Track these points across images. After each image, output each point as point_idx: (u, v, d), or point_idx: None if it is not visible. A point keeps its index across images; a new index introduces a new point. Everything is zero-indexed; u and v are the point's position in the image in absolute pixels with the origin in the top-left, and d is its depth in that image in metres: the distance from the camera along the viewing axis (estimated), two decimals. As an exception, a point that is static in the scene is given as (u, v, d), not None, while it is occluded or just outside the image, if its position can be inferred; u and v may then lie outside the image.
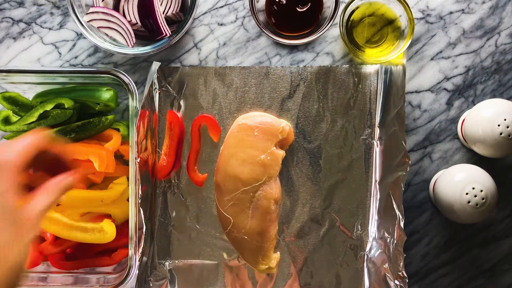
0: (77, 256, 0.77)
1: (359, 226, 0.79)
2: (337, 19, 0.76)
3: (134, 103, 0.73)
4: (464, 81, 0.79)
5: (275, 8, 0.77)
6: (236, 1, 0.80)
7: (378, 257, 0.77)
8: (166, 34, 0.75)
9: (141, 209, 0.72)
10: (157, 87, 0.80)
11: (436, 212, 0.80)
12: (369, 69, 0.78)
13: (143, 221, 0.73)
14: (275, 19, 0.78)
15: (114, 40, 0.76)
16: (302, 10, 0.77)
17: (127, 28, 0.75)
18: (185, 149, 0.80)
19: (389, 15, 0.76)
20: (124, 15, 0.75)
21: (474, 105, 0.78)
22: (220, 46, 0.80)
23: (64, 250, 0.77)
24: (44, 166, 0.58)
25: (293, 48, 0.80)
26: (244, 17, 0.80)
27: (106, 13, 0.74)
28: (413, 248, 0.80)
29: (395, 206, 0.73)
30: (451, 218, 0.73)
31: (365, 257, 0.79)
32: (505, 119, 0.69)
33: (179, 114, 0.80)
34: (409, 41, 0.74)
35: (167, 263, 0.80)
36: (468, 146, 0.78)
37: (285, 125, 0.77)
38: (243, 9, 0.80)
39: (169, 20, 0.78)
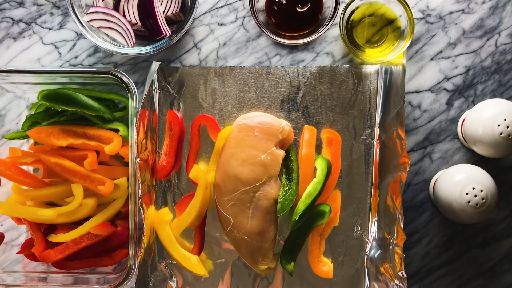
0: (77, 256, 0.77)
1: (359, 226, 0.79)
2: (337, 19, 0.76)
3: (134, 103, 0.73)
4: (464, 81, 0.79)
5: (275, 8, 0.77)
6: (236, 1, 0.80)
7: (378, 257, 0.77)
8: (166, 34, 0.75)
9: (141, 209, 0.72)
10: (157, 87, 0.80)
11: (436, 212, 0.80)
12: (369, 69, 0.78)
13: (143, 221, 0.73)
14: (275, 19, 0.78)
15: (114, 40, 0.76)
16: (302, 10, 0.77)
17: (127, 28, 0.75)
18: (185, 149, 0.80)
19: (389, 15, 0.76)
20: (124, 15, 0.76)
21: (474, 105, 0.78)
22: (220, 46, 0.80)
23: (66, 256, 0.77)
24: None
25: (293, 48, 0.80)
26: (244, 17, 0.80)
27: (106, 13, 0.74)
28: (413, 248, 0.80)
29: (395, 206, 0.73)
30: (451, 218, 0.73)
31: (365, 257, 0.79)
32: (505, 119, 0.69)
33: (179, 114, 0.80)
34: (409, 41, 0.74)
35: (167, 263, 0.80)
36: (468, 146, 0.78)
37: (285, 125, 0.77)
38: (243, 9, 0.80)
39: (169, 20, 0.78)
